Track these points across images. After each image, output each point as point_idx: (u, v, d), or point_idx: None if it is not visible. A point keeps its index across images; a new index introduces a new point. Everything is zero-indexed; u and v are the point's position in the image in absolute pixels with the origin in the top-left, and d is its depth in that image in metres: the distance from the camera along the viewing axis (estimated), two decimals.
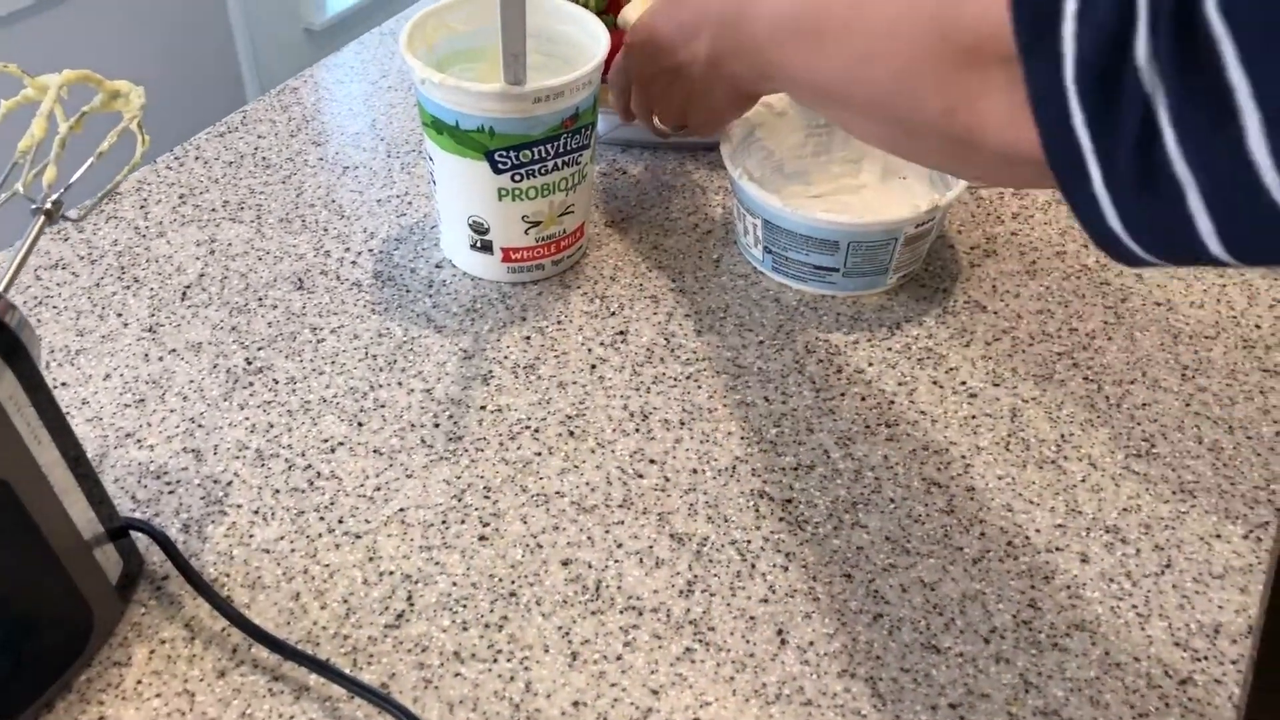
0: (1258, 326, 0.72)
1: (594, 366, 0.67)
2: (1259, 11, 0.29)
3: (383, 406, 0.64)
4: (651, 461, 0.61)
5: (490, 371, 0.66)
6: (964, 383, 0.67)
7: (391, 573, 0.55)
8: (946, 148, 0.44)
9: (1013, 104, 0.38)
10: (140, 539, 0.55)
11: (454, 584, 0.54)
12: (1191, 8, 0.30)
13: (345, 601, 0.54)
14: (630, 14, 0.72)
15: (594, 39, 0.68)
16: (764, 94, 0.67)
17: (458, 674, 0.51)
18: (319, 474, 0.60)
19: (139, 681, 0.50)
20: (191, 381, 0.65)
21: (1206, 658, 0.53)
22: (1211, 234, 0.33)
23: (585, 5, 0.73)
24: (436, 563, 0.55)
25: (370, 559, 0.55)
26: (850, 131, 0.53)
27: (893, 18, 0.44)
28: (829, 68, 0.49)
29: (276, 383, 0.65)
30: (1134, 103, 0.32)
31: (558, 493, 0.59)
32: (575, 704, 0.50)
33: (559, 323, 0.70)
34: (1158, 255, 0.36)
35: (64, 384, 0.64)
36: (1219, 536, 0.58)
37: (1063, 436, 0.64)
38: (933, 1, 0.42)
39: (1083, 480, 0.61)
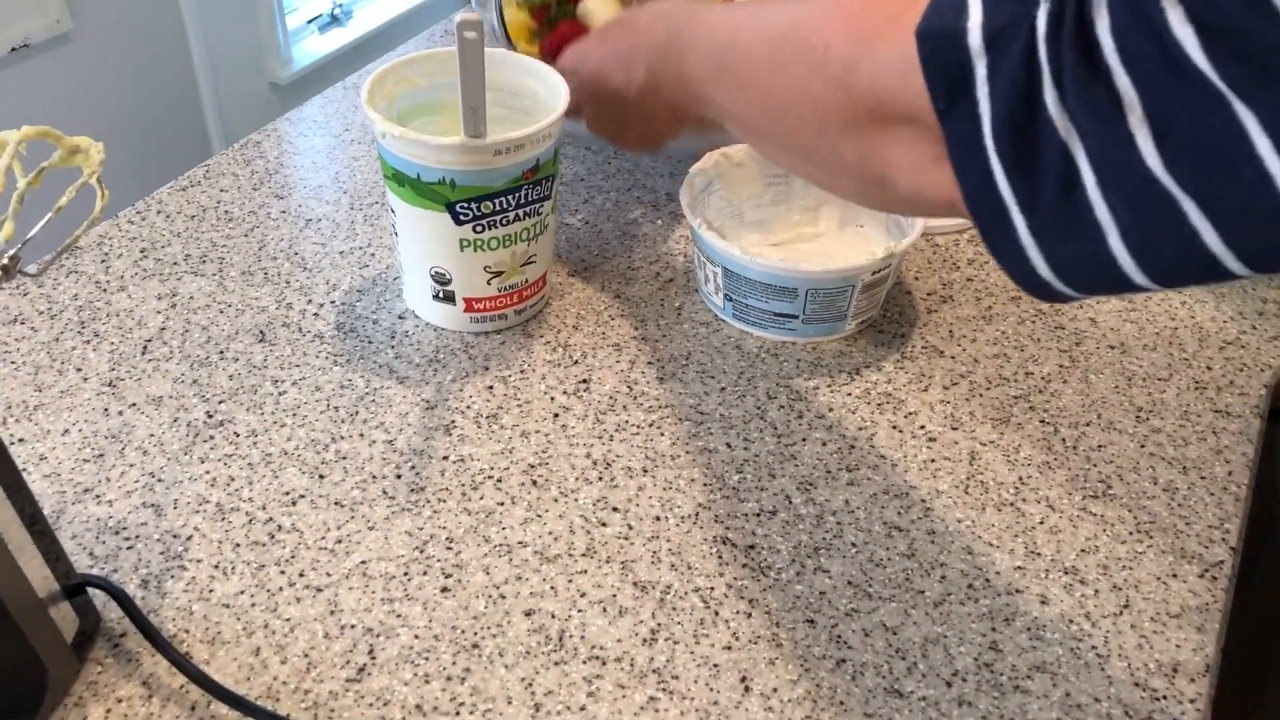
0: (1208, 368, 0.73)
1: (557, 415, 0.67)
2: (1144, 41, 0.30)
3: (344, 458, 0.64)
4: (615, 509, 0.61)
5: (453, 421, 0.67)
6: (923, 427, 0.68)
7: (353, 626, 0.55)
8: (864, 189, 0.46)
9: (919, 156, 0.40)
10: (98, 596, 0.54)
11: (416, 636, 0.54)
12: (1092, 55, 0.32)
13: (306, 656, 0.53)
14: (593, 4, 0.75)
15: (553, 92, 0.69)
16: (699, 116, 0.69)
17: None
18: (280, 527, 0.59)
19: None
20: (151, 435, 0.65)
21: (1166, 697, 0.53)
22: (1134, 266, 0.34)
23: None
24: (398, 615, 0.55)
25: (331, 612, 0.55)
26: (777, 164, 0.55)
27: (804, 76, 0.46)
28: (752, 111, 0.51)
29: (238, 436, 0.65)
30: (1052, 151, 0.34)
31: (520, 542, 0.59)
32: None
33: (522, 372, 0.71)
34: (1083, 290, 0.37)
35: (21, 439, 0.64)
36: (1175, 576, 0.59)
37: (1021, 479, 0.64)
38: (837, 64, 0.43)
39: (1041, 522, 0.62)
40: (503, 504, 0.61)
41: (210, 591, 0.56)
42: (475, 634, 0.54)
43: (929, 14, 0.38)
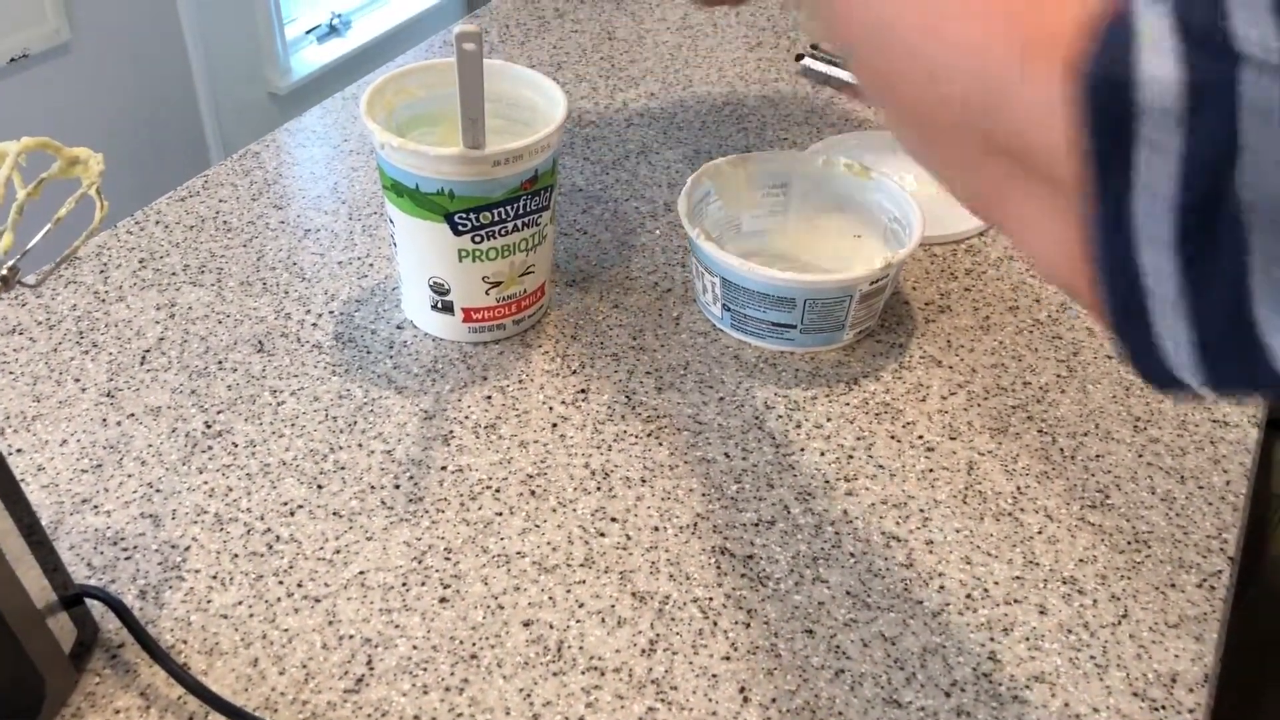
0: None
1: (555, 425, 0.67)
2: None
3: (343, 468, 0.64)
4: (613, 520, 0.61)
5: (451, 432, 0.67)
6: (921, 436, 0.68)
7: (351, 636, 0.54)
8: (979, 214, 0.38)
9: (1048, 220, 0.32)
10: (95, 606, 0.54)
11: (414, 647, 0.54)
12: None
13: (304, 666, 0.53)
14: None
15: (552, 103, 0.70)
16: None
17: None
18: (278, 537, 0.59)
19: None
20: (150, 446, 0.65)
21: (1164, 707, 0.53)
22: None
23: None
24: (397, 625, 0.55)
25: (330, 623, 0.55)
26: (895, 130, 0.41)
27: (955, 60, 0.34)
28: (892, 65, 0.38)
29: (236, 446, 0.65)
30: (1235, 250, 0.27)
31: (519, 553, 0.59)
32: None
33: (520, 382, 0.71)
34: (1226, 393, 0.31)
35: (19, 450, 0.64)
36: (1174, 586, 0.59)
37: (1019, 489, 0.64)
38: (992, 70, 0.32)
39: (1039, 532, 0.62)
40: (501, 514, 0.61)
41: (208, 602, 0.56)
42: (474, 644, 0.54)
43: (1097, 49, 0.28)
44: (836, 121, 1.02)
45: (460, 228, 0.66)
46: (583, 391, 0.70)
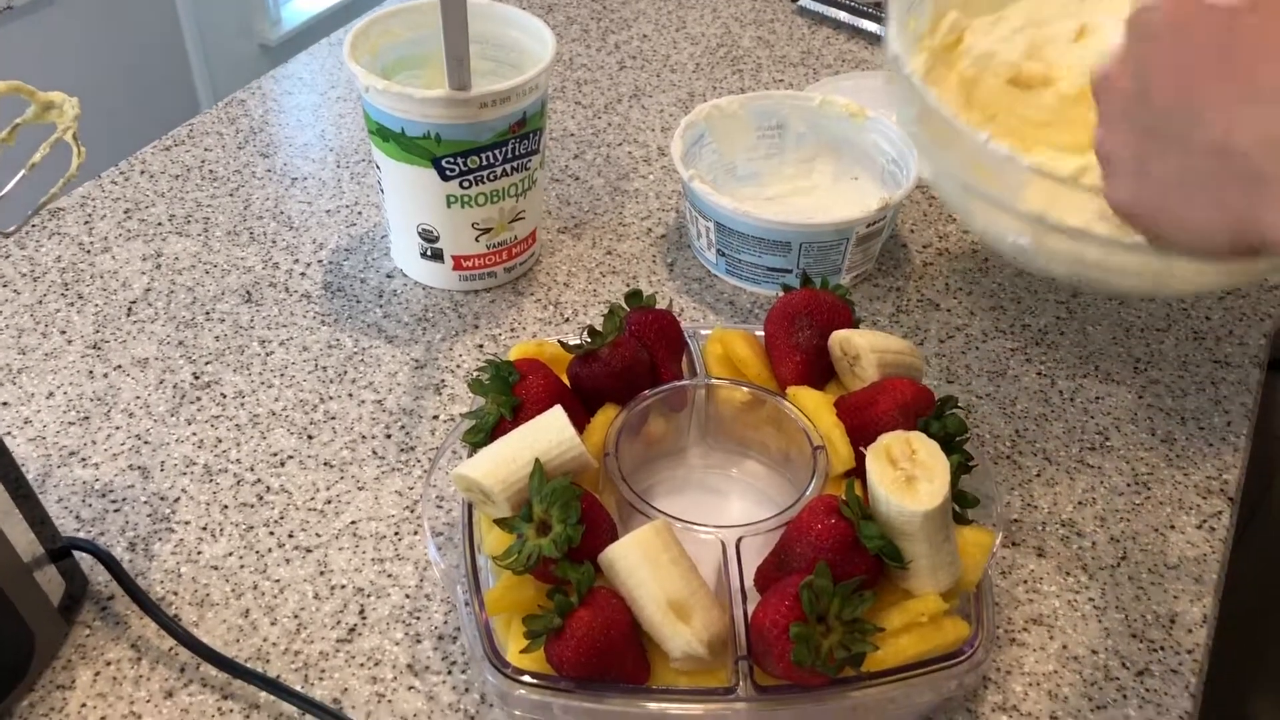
0: (1207, 318, 0.72)
1: None
2: None
3: (333, 418, 0.63)
4: None
5: (442, 380, 0.66)
6: None
7: (343, 586, 0.54)
8: None
9: None
10: (84, 559, 0.54)
11: (407, 596, 0.54)
12: None
13: (296, 617, 0.53)
14: None
15: (541, 43, 0.68)
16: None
17: (411, 687, 0.50)
18: (268, 488, 0.59)
19: (83, 705, 0.49)
20: (137, 398, 0.64)
21: (1163, 648, 0.53)
22: None
23: None
24: (389, 575, 0.55)
25: (321, 573, 0.55)
26: None
27: None
28: None
29: (224, 397, 0.64)
30: None
31: None
32: None
33: (512, 330, 0.70)
34: None
35: (5, 403, 0.63)
36: (1173, 528, 0.59)
37: (1017, 431, 0.64)
38: None
39: (1038, 475, 0.61)
40: None
41: (199, 554, 0.55)
42: (466, 592, 0.54)
43: None
44: (833, 63, 1.00)
45: (448, 172, 0.65)
46: None
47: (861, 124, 0.77)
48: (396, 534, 0.57)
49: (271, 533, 0.56)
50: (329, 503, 0.58)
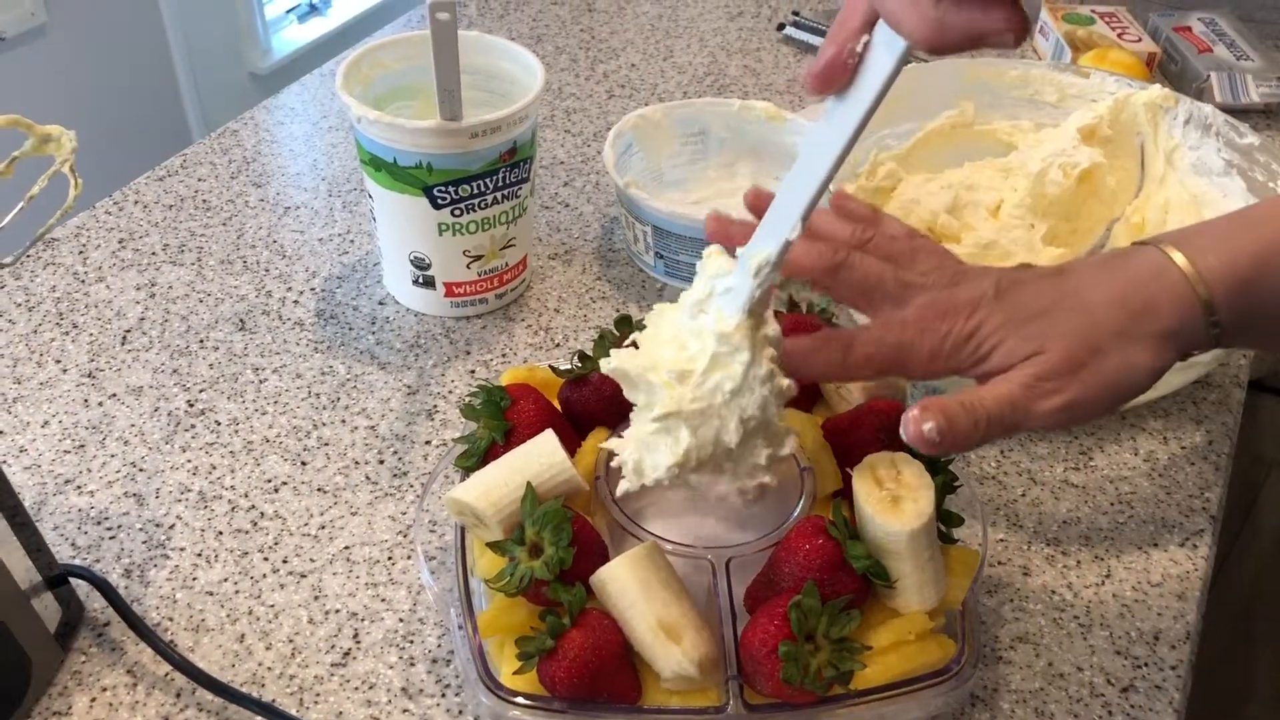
0: None
1: None
2: None
3: (326, 444, 0.64)
4: None
5: (435, 406, 0.66)
6: None
7: (337, 611, 0.55)
8: None
9: None
10: (81, 586, 0.54)
11: (400, 620, 0.54)
12: None
13: (291, 641, 0.53)
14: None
15: (530, 74, 0.69)
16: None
17: (406, 710, 0.50)
18: (262, 514, 0.59)
19: None
20: (132, 426, 0.64)
21: (1147, 664, 0.53)
22: None
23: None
24: (383, 599, 0.55)
25: (315, 598, 0.55)
26: None
27: None
28: None
29: (219, 424, 0.65)
30: None
31: None
32: None
33: (503, 355, 0.70)
34: None
35: (1, 432, 0.63)
36: (1156, 545, 0.60)
37: (1001, 452, 0.65)
38: None
39: (1023, 495, 0.62)
40: None
41: (194, 579, 0.56)
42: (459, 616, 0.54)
43: None
44: None
45: (440, 201, 0.66)
46: None
47: (781, 126, 0.81)
48: (390, 558, 0.57)
49: (266, 558, 0.57)
50: (323, 528, 0.59)
